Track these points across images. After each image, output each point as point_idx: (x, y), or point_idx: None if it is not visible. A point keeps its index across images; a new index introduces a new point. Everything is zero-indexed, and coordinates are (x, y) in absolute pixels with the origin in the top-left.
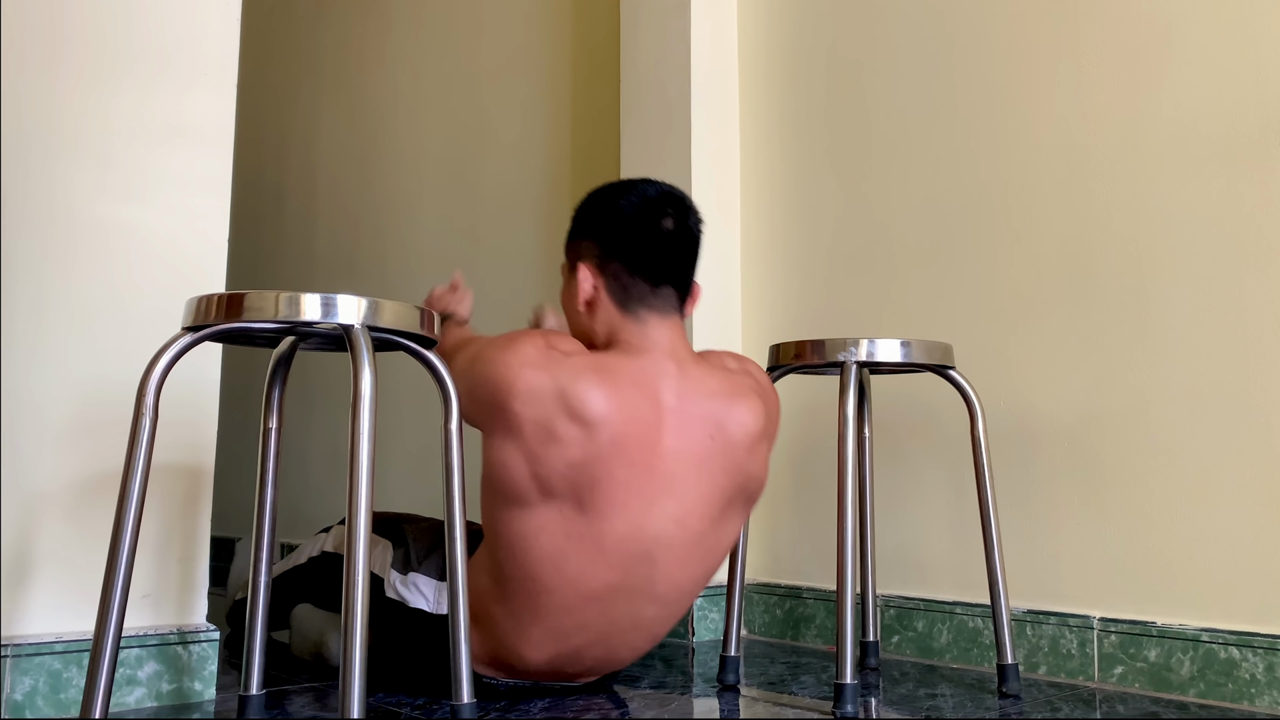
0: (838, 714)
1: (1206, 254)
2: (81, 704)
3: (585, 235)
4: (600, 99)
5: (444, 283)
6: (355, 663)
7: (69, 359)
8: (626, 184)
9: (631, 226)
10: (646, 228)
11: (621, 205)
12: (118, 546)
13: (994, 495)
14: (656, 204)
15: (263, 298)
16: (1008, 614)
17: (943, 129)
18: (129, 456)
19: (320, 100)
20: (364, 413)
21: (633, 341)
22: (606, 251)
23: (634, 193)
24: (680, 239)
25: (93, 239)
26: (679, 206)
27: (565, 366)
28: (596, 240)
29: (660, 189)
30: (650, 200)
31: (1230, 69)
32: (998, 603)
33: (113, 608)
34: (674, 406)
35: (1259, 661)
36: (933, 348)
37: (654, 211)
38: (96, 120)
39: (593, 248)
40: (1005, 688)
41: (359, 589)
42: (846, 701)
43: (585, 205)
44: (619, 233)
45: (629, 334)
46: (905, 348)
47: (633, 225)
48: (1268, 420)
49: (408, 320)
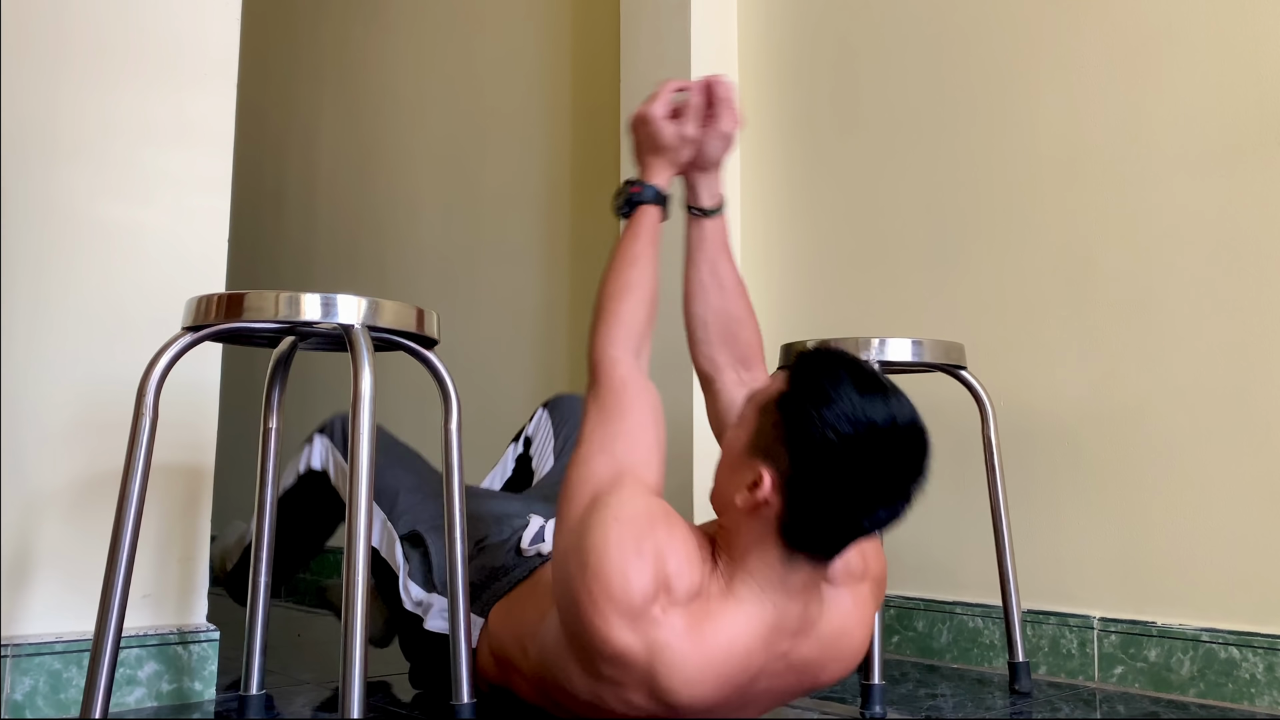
0: (866, 714)
1: (1206, 254)
2: (81, 704)
3: (788, 444)
4: (600, 99)
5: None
6: (355, 663)
7: (69, 359)
8: (870, 420)
9: (850, 496)
10: (864, 508)
11: (855, 458)
12: (118, 546)
13: (1005, 496)
14: (896, 484)
15: (262, 298)
16: (1019, 613)
17: (942, 129)
18: (129, 456)
19: (320, 100)
20: (364, 413)
21: (767, 583)
22: (799, 487)
23: (876, 441)
24: (890, 522)
25: (93, 239)
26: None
27: (664, 645)
28: (795, 464)
29: (914, 454)
30: (889, 474)
31: (1230, 69)
32: (1009, 601)
33: (113, 608)
34: (773, 666)
35: (1259, 661)
36: (945, 347)
37: (886, 493)
38: (97, 120)
39: (786, 467)
40: (1017, 685)
41: (359, 588)
42: (875, 702)
43: (810, 397)
44: (829, 483)
45: (768, 570)
46: (917, 347)
47: (851, 496)
48: (1268, 421)
49: (407, 320)
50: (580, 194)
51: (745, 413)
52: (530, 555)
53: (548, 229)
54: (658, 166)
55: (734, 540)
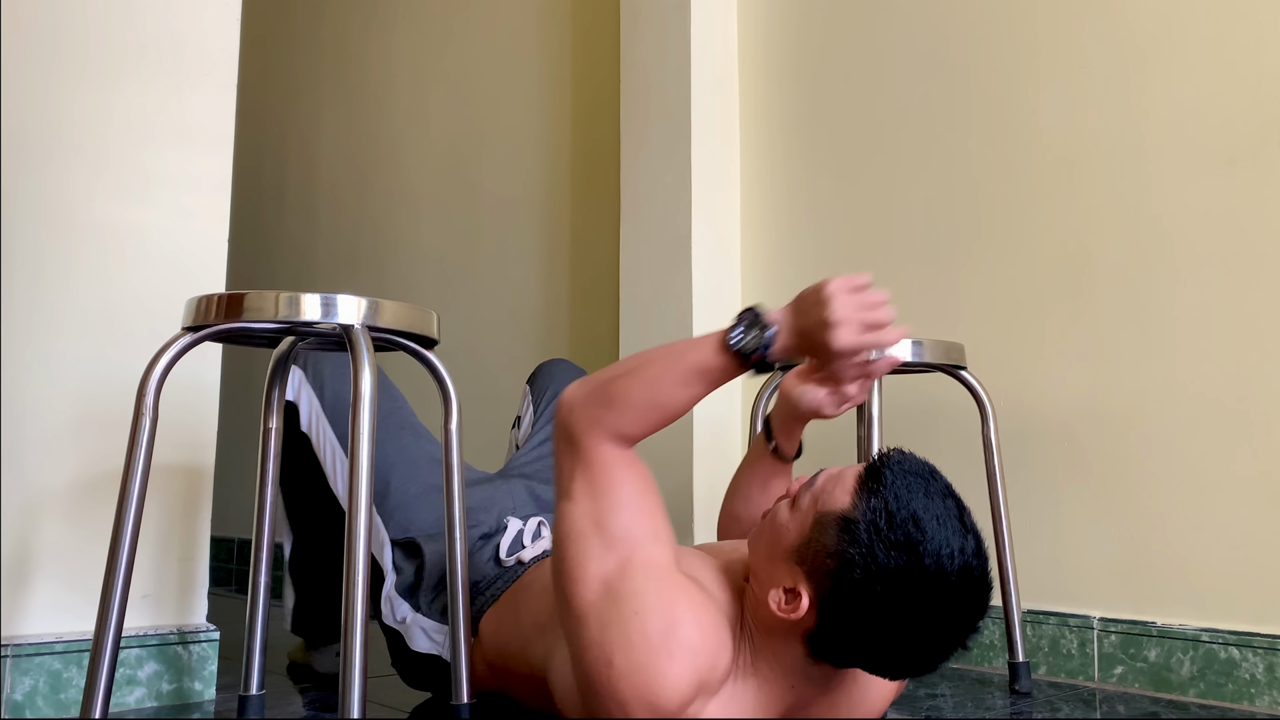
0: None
1: (1206, 254)
2: (81, 704)
3: (835, 580)
4: (600, 99)
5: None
6: (355, 663)
7: (68, 358)
8: (938, 584)
9: (894, 652)
10: (902, 665)
11: (907, 619)
12: (118, 546)
13: (1005, 496)
14: (948, 643)
15: (262, 298)
16: (1019, 613)
17: (943, 128)
18: (129, 456)
19: (320, 100)
20: (364, 413)
21: (787, 671)
22: (840, 625)
23: (934, 606)
24: (923, 674)
25: (93, 238)
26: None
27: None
28: (835, 600)
29: (973, 612)
30: (941, 638)
31: (1230, 69)
32: (1009, 602)
33: (112, 608)
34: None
35: (1259, 661)
36: (945, 347)
37: (930, 655)
38: (96, 120)
39: (827, 594)
40: (1017, 685)
41: (359, 590)
42: None
43: (875, 537)
44: (874, 640)
45: (790, 659)
46: (918, 347)
47: (895, 652)
48: (1268, 420)
49: (407, 320)
50: (580, 194)
51: (805, 505)
52: (510, 564)
53: (548, 229)
54: (793, 343)
55: (759, 618)
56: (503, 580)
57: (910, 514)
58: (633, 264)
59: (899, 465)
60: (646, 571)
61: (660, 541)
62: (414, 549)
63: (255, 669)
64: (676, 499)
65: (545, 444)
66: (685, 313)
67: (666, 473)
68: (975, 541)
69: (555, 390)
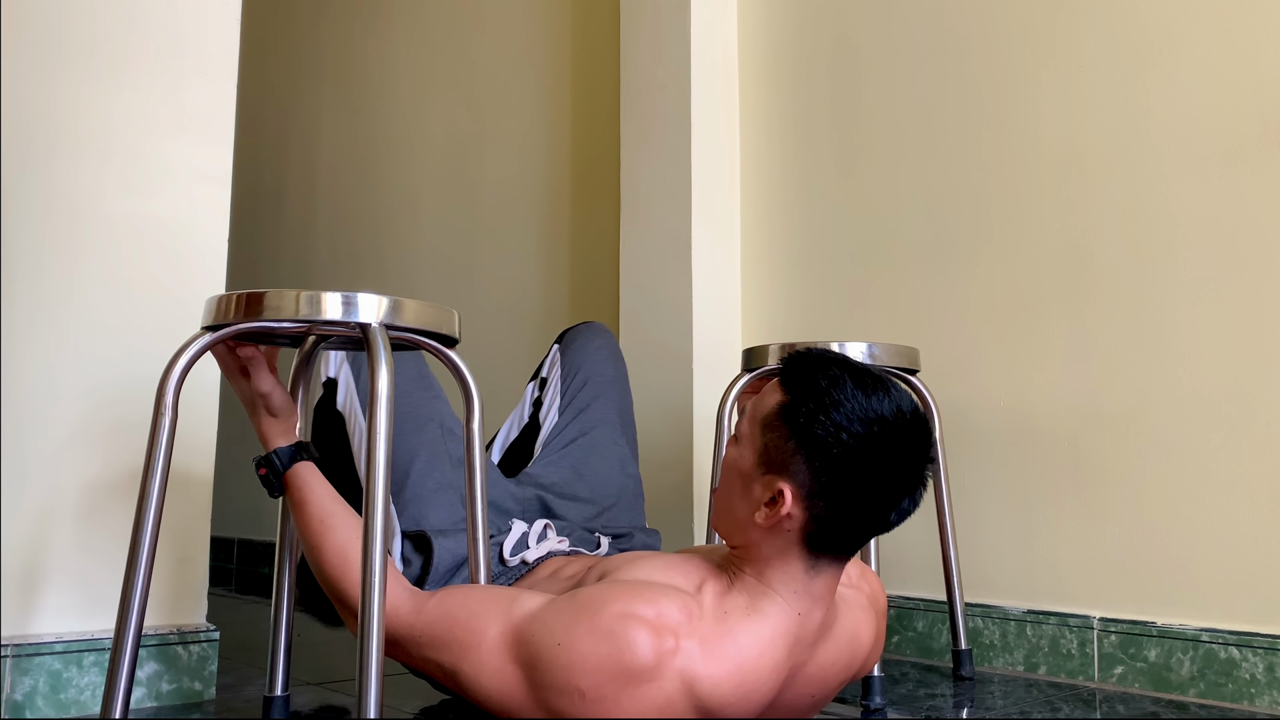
0: (869, 705)
1: (1206, 254)
2: (102, 704)
3: (804, 455)
4: (600, 99)
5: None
6: (372, 663)
7: (69, 356)
8: (880, 415)
9: (874, 494)
10: (888, 502)
11: (873, 455)
12: (138, 545)
13: (950, 493)
14: (914, 471)
15: (282, 296)
16: (962, 604)
17: (943, 128)
18: (149, 455)
19: (320, 100)
20: (382, 412)
21: (792, 595)
22: (822, 495)
23: (889, 435)
24: (912, 511)
25: (94, 235)
26: (926, 476)
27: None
28: (815, 474)
29: (923, 440)
30: (907, 464)
31: (1230, 69)
32: (953, 593)
33: (133, 607)
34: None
35: (1259, 661)
36: (898, 351)
37: (906, 483)
38: (97, 117)
39: (806, 478)
40: (962, 672)
41: (375, 590)
42: (875, 693)
43: (816, 404)
44: (852, 485)
45: (792, 582)
46: (871, 350)
47: (875, 494)
48: (1267, 420)
49: (429, 319)
50: (580, 194)
51: (745, 430)
52: (514, 564)
53: (548, 229)
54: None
55: (753, 557)
56: (505, 578)
57: (836, 373)
58: (633, 264)
59: (809, 353)
60: (524, 600)
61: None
62: (424, 542)
63: (280, 670)
64: (676, 497)
65: (566, 449)
66: (685, 313)
67: (667, 472)
68: (894, 386)
69: (585, 376)
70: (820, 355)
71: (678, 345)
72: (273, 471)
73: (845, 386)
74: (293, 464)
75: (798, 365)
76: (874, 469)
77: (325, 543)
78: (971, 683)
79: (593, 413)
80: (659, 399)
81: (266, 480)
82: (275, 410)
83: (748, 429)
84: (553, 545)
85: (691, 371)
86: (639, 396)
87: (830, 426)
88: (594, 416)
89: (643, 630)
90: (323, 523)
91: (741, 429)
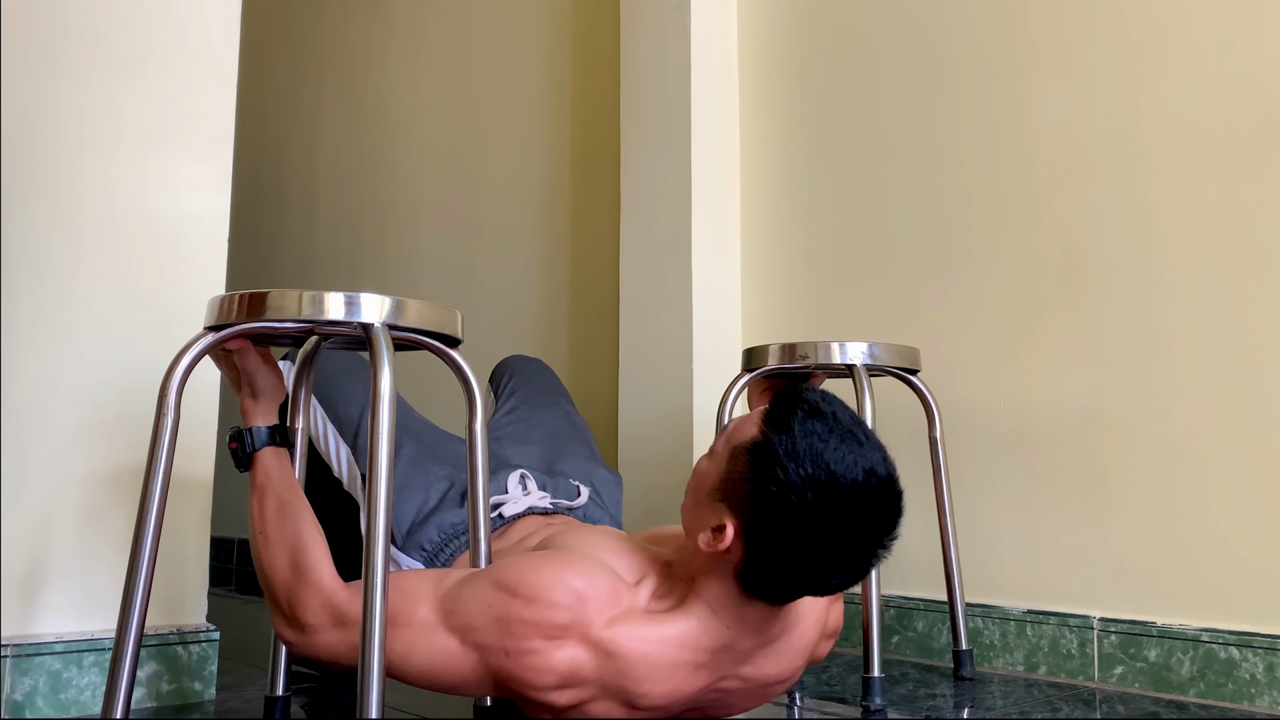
0: (869, 706)
1: (1206, 254)
2: (103, 704)
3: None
4: (600, 99)
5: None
6: (374, 662)
7: (71, 356)
8: (840, 488)
9: (808, 562)
10: (822, 573)
11: (818, 525)
12: (140, 545)
13: (950, 492)
14: (859, 552)
15: (284, 296)
16: (963, 604)
17: (944, 128)
18: (151, 456)
19: (320, 100)
20: (384, 413)
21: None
22: (760, 543)
23: (843, 510)
24: (846, 587)
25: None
26: (874, 559)
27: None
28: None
29: (882, 520)
30: (853, 543)
31: (1230, 69)
32: (954, 593)
33: (134, 607)
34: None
35: (1259, 661)
36: (899, 351)
37: (845, 561)
38: (99, 118)
39: (750, 522)
40: (962, 672)
41: (378, 590)
42: (875, 694)
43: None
44: (789, 546)
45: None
46: (872, 350)
47: (809, 562)
48: (1268, 421)
49: (432, 319)
50: (580, 194)
51: (719, 447)
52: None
53: (548, 229)
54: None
55: (692, 564)
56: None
57: (814, 428)
58: (633, 264)
59: (800, 393)
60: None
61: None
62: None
63: (280, 670)
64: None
65: (510, 414)
66: (685, 313)
67: (667, 472)
68: (878, 449)
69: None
70: (814, 403)
71: (678, 345)
72: (242, 448)
73: (820, 444)
74: (264, 446)
75: (785, 405)
76: (815, 538)
77: (276, 530)
78: (972, 683)
79: (528, 389)
80: (659, 399)
81: (235, 455)
82: (258, 391)
83: (722, 449)
84: (534, 501)
85: (691, 371)
86: (639, 396)
87: (784, 482)
88: (529, 390)
89: (570, 595)
90: (278, 510)
91: (718, 446)
